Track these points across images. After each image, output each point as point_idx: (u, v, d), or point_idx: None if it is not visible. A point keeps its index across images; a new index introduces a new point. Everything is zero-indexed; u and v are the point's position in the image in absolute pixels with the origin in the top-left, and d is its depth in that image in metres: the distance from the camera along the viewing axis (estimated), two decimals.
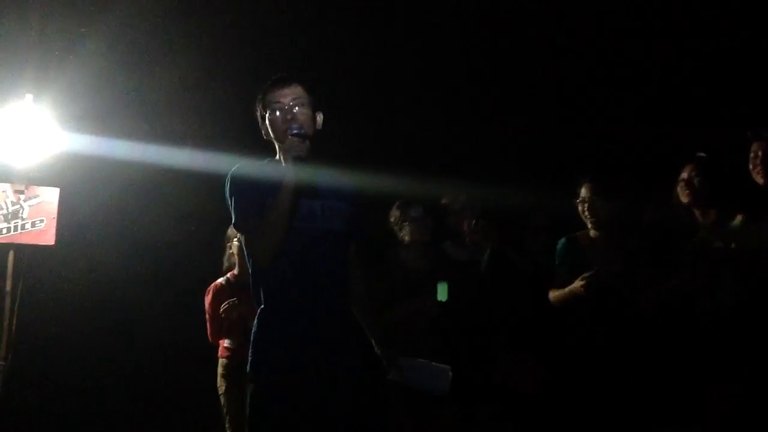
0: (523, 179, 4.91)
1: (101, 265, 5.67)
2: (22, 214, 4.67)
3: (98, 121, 5.29)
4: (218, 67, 5.66)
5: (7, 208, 4.65)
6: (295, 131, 2.59)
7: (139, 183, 5.56)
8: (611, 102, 5.69)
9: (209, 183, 5.64)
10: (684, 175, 3.75)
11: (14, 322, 4.58)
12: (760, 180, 3.57)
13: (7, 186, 4.70)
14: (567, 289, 3.76)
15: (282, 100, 2.70)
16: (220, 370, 4.56)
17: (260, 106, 2.79)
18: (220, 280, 4.65)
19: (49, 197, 4.77)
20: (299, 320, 2.60)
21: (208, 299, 4.61)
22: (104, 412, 5.69)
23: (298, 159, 2.53)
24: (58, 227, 4.75)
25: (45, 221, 4.72)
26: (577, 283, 3.66)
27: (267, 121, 2.74)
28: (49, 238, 4.72)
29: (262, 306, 2.66)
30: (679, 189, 3.76)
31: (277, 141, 2.74)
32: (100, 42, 5.43)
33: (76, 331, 5.58)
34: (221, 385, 4.53)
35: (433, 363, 3.38)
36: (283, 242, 2.54)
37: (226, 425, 4.48)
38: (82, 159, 5.10)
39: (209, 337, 4.61)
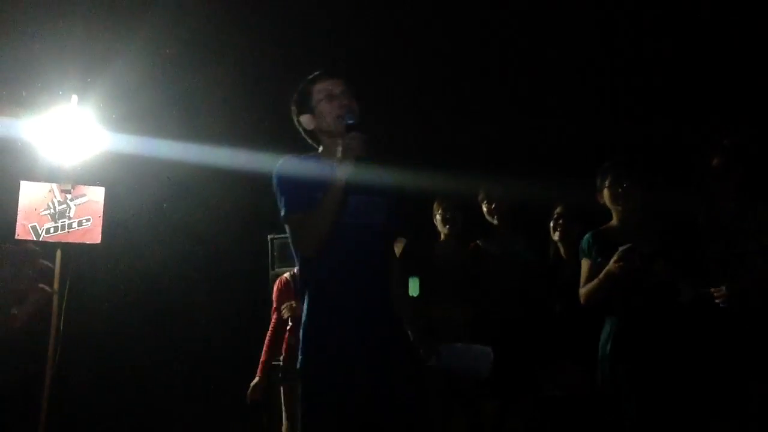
0: (548, 171, 4.87)
1: (146, 262, 5.75)
2: (69, 213, 4.73)
3: (141, 121, 5.37)
4: (259, 68, 5.70)
5: (54, 208, 4.72)
6: (350, 121, 2.58)
7: (182, 182, 5.63)
8: (635, 93, 5.62)
9: (250, 182, 5.73)
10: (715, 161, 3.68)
11: (62, 320, 4.64)
12: None
13: (54, 186, 4.77)
14: (602, 275, 3.57)
15: (333, 89, 2.74)
16: (260, 366, 4.65)
17: (303, 99, 2.80)
18: (286, 274, 4.72)
19: (95, 196, 4.83)
20: (345, 313, 2.62)
21: (274, 292, 4.72)
22: (152, 407, 5.77)
23: (359, 158, 2.51)
24: (104, 226, 4.81)
25: (91, 220, 4.78)
26: (613, 263, 3.50)
27: (315, 112, 2.75)
28: (95, 237, 4.78)
29: (309, 300, 2.68)
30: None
31: (325, 132, 2.76)
32: (143, 44, 5.50)
33: (123, 328, 5.67)
34: (280, 376, 4.65)
35: (474, 345, 3.36)
36: (328, 236, 2.56)
37: (284, 416, 4.58)
38: (126, 158, 5.18)
39: (270, 331, 4.67)
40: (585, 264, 3.77)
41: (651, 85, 5.67)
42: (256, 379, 4.63)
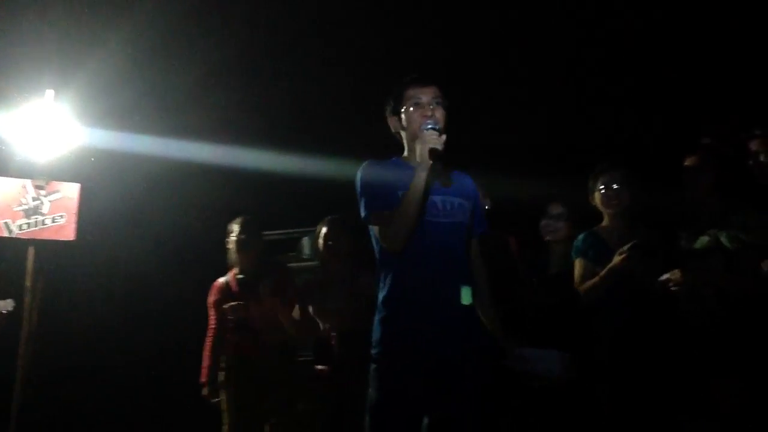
0: (541, 170, 4.89)
1: (121, 260, 5.70)
2: (42, 209, 4.67)
3: (118, 116, 5.32)
4: (237, 64, 5.67)
5: (28, 204, 4.66)
6: (429, 126, 2.72)
7: (158, 178, 5.58)
8: (625, 93, 5.64)
9: (228, 177, 5.70)
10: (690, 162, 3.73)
11: (34, 317, 4.59)
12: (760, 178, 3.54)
13: (27, 182, 4.70)
14: (605, 271, 3.69)
15: (423, 97, 2.85)
16: (222, 364, 4.58)
17: (395, 101, 2.93)
18: (222, 279, 4.67)
19: (70, 193, 4.77)
20: (424, 308, 2.72)
21: (210, 298, 4.65)
22: (126, 405, 5.73)
23: (435, 152, 2.65)
24: (79, 222, 4.76)
25: (65, 216, 4.72)
26: (617, 259, 3.62)
27: (403, 115, 2.88)
28: (69, 234, 4.73)
29: (388, 293, 2.77)
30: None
31: (410, 135, 2.88)
32: (121, 39, 5.45)
33: (97, 325, 5.62)
34: (222, 379, 4.55)
35: (548, 350, 3.40)
36: (412, 231, 2.67)
37: (224, 420, 4.50)
38: (102, 154, 5.13)
39: (208, 339, 4.62)
40: (579, 263, 3.90)
41: (643, 85, 5.69)
42: (206, 392, 4.57)
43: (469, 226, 2.89)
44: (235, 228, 4.59)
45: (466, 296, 3.72)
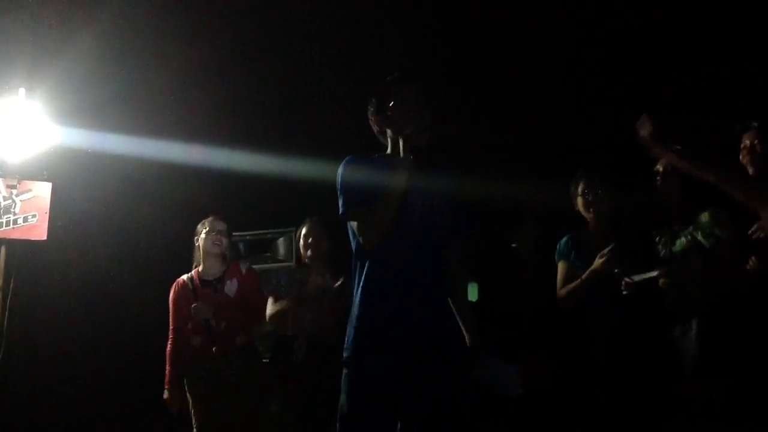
0: (519, 173, 4.93)
1: (93, 260, 5.65)
2: (14, 209, 4.62)
3: (91, 115, 5.27)
4: (212, 62, 5.64)
5: None
6: (414, 123, 2.73)
7: (132, 177, 5.54)
8: (602, 96, 5.70)
9: (202, 178, 5.67)
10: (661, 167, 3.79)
11: (5, 317, 4.54)
12: (750, 170, 3.59)
13: None
14: (586, 274, 3.75)
15: (408, 95, 2.84)
16: (167, 377, 4.49)
17: (378, 100, 2.91)
18: (184, 276, 4.62)
19: (42, 192, 4.73)
20: (400, 310, 2.68)
21: (171, 295, 4.58)
22: (96, 406, 5.69)
23: (417, 149, 2.66)
24: (51, 222, 4.72)
25: (37, 216, 4.68)
26: (598, 262, 3.68)
27: (389, 113, 2.85)
28: (41, 233, 4.68)
29: (364, 295, 2.74)
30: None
31: (394, 133, 2.85)
32: (94, 36, 5.40)
33: (68, 325, 5.57)
34: (187, 383, 4.48)
35: (503, 364, 3.43)
36: (390, 228, 2.65)
37: (193, 422, 4.45)
38: (74, 153, 5.09)
39: (170, 339, 4.54)
40: (562, 266, 3.96)
41: (625, 88, 5.74)
42: (168, 394, 4.47)
43: (449, 227, 2.86)
44: (203, 227, 4.57)
45: (472, 293, 3.80)
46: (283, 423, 4.36)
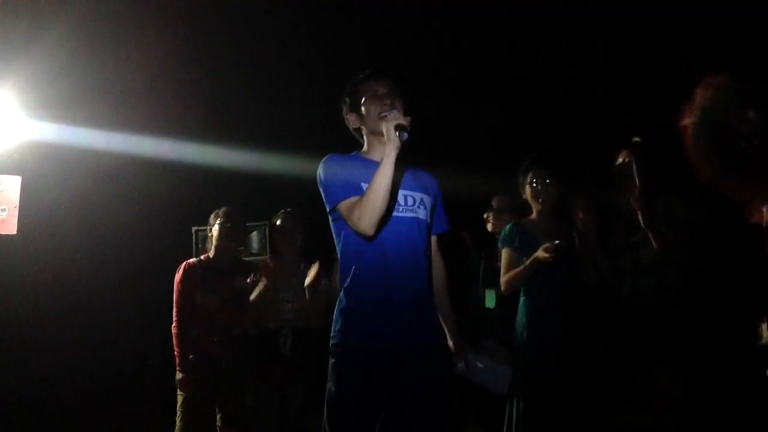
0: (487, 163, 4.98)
1: (64, 255, 5.62)
2: None
3: (62, 108, 5.22)
4: (185, 56, 5.61)
5: None
6: (392, 113, 2.72)
7: (103, 171, 5.51)
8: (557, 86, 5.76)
9: (174, 172, 5.65)
10: (620, 160, 3.87)
11: None
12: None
13: None
14: (528, 262, 3.85)
15: (380, 89, 2.89)
16: (179, 359, 4.48)
17: (351, 98, 2.95)
18: (193, 259, 4.63)
19: (11, 186, 4.66)
20: (384, 302, 2.75)
21: (178, 277, 4.56)
22: (68, 399, 5.66)
23: (402, 126, 2.64)
24: (21, 216, 4.67)
25: (6, 210, 4.62)
26: (540, 252, 3.77)
27: (362, 109, 2.89)
28: (10, 228, 4.62)
29: (349, 286, 2.79)
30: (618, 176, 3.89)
31: (370, 128, 2.90)
32: (66, 28, 5.35)
33: (39, 320, 5.53)
34: (180, 377, 4.47)
35: (497, 364, 3.46)
36: (385, 211, 2.67)
37: (179, 417, 4.45)
38: (45, 147, 5.03)
39: (175, 322, 4.51)
40: (506, 252, 4.04)
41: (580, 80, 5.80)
42: (181, 375, 4.44)
43: (430, 223, 2.92)
44: (217, 218, 4.57)
45: (490, 300, 3.89)
46: (260, 416, 4.41)
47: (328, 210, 2.85)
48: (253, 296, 4.42)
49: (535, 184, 4.04)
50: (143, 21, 5.51)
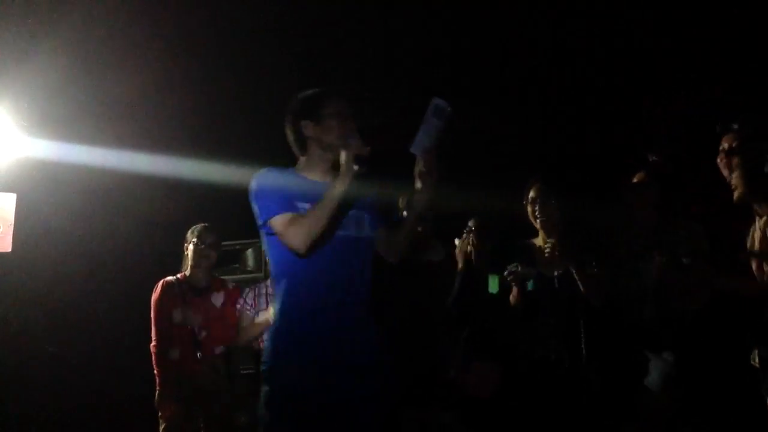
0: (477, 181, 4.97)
1: (59, 273, 5.59)
2: None
3: (58, 125, 5.22)
4: (181, 72, 5.61)
5: None
6: (354, 141, 2.59)
7: (99, 189, 5.50)
8: (561, 102, 5.75)
9: (170, 189, 5.63)
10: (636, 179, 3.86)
11: None
12: (725, 173, 3.64)
13: None
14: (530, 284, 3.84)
15: (345, 110, 2.81)
16: (159, 379, 4.44)
17: (308, 107, 2.84)
18: (170, 277, 4.59)
19: (7, 203, 4.67)
20: (323, 324, 2.67)
21: (155, 295, 4.54)
22: (63, 417, 5.62)
23: (361, 160, 2.54)
24: (16, 234, 4.66)
25: (1, 228, 4.62)
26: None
27: (323, 123, 2.79)
28: (5, 245, 4.63)
29: (285, 307, 2.72)
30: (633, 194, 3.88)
31: (327, 144, 2.79)
32: (61, 45, 5.34)
33: (34, 338, 5.50)
34: (158, 399, 4.44)
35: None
36: (321, 239, 2.60)
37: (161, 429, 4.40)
38: (40, 164, 5.04)
39: (154, 341, 4.47)
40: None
41: (582, 96, 5.79)
42: (159, 398, 4.40)
43: (372, 239, 2.85)
44: (192, 236, 4.55)
45: (493, 285, 3.86)
46: None
47: (259, 224, 2.77)
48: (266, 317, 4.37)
49: (533, 203, 3.99)
50: (139, 39, 5.50)
